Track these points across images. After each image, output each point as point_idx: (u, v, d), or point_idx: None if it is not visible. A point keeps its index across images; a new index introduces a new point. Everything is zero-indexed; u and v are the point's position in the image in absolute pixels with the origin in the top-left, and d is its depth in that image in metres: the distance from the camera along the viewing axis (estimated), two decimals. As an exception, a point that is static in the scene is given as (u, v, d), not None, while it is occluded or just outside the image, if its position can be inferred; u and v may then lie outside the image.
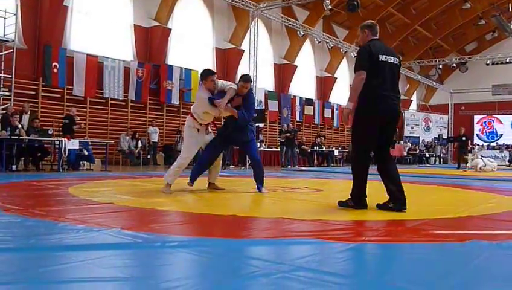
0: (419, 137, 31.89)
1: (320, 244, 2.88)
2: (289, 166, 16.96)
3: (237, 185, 7.68)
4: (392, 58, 4.56)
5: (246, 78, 6.19)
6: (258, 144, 18.48)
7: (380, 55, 4.47)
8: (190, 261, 2.45)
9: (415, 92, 35.87)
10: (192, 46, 19.05)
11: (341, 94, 28.20)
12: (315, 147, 20.21)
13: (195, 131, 6.11)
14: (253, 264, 2.30)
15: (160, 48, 17.44)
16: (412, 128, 32.44)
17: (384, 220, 3.91)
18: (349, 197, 4.66)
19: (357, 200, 4.61)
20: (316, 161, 20.39)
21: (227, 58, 20.60)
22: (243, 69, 19.63)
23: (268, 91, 22.35)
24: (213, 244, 2.82)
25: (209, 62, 19.82)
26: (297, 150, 18.43)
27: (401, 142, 27.85)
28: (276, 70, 23.64)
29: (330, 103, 26.97)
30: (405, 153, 26.44)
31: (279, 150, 18.33)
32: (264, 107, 20.34)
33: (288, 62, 23.72)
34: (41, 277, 2.06)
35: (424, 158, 27.88)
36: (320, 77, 26.82)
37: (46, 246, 2.65)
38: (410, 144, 28.51)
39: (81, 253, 2.48)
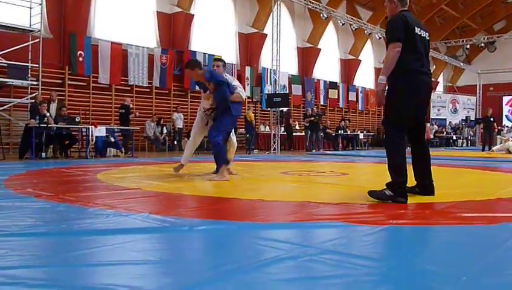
0: (446, 119, 31.35)
1: (347, 227, 2.87)
2: (314, 150, 16.91)
3: (262, 170, 7.70)
4: (425, 32, 4.24)
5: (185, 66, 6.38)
6: (282, 128, 18.49)
7: (415, 27, 4.10)
8: (217, 245, 2.47)
9: (442, 74, 35.19)
10: (214, 31, 19.04)
11: (366, 77, 27.87)
12: (340, 131, 20.08)
13: (201, 117, 6.45)
14: (280, 248, 2.32)
15: (183, 34, 17.48)
16: (439, 110, 31.87)
17: (412, 203, 3.87)
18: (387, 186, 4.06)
19: (400, 189, 4.01)
20: (340, 145, 20.27)
21: (250, 43, 20.52)
22: (265, 53, 19.54)
23: (292, 75, 22.23)
24: (239, 228, 2.84)
25: (232, 47, 19.81)
26: (321, 134, 18.34)
27: (428, 124, 27.41)
28: (299, 54, 23.46)
29: (355, 86, 26.69)
30: (432, 136, 26.03)
31: (303, 134, 18.28)
32: (287, 92, 20.26)
33: (311, 45, 23.51)
34: (73, 260, 2.12)
35: (451, 140, 27.43)
36: (344, 59, 26.52)
37: (77, 231, 2.71)
38: (436, 127, 28.06)
39: (110, 237, 2.53)
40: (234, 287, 1.75)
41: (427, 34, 4.29)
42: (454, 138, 28.03)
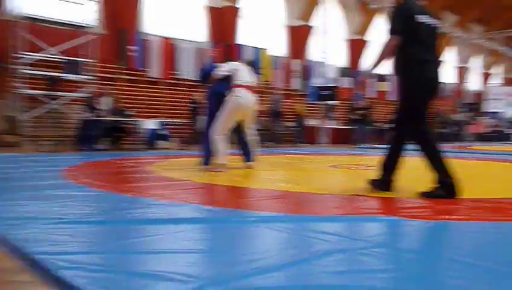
0: (502, 113, 30.09)
1: (398, 221, 2.84)
2: (362, 144, 16.67)
3: (311, 163, 7.69)
4: (433, 20, 4.01)
5: None
6: (330, 122, 18.32)
7: (421, 16, 3.91)
8: (268, 236, 2.50)
9: (499, 66, 33.81)
10: (262, 24, 19.05)
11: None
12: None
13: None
14: (330, 240, 2.32)
15: (231, 27, 17.59)
16: (495, 103, 30.65)
17: (464, 198, 3.77)
18: (437, 185, 3.92)
19: (447, 187, 3.87)
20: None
21: (298, 36, 20.40)
22: (314, 46, 19.41)
23: (341, 68, 21.96)
24: (290, 220, 2.86)
25: (280, 40, 19.77)
26: (370, 127, 18.05)
27: (481, 118, 26.46)
28: (348, 46, 23.13)
29: (405, 78, 26.04)
30: (485, 130, 25.11)
31: (351, 127, 18.05)
32: (335, 85, 20.04)
33: (360, 37, 23.13)
34: (128, 247, 2.20)
35: (506, 135, 26.29)
36: (394, 51, 25.92)
37: (131, 220, 2.81)
38: (492, 120, 26.98)
39: (162, 226, 2.61)
40: (285, 278, 1.77)
41: (436, 21, 4.06)
42: (509, 132, 26.86)
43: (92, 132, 10.70)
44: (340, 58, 22.37)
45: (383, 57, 3.99)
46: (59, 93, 12.73)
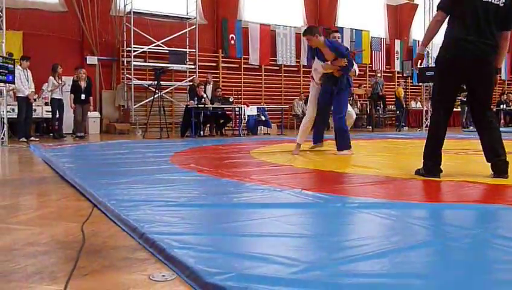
0: None
1: (510, 210, 2.65)
2: (471, 127, 15.69)
3: (414, 148, 7.40)
4: None
5: (304, 32, 6.11)
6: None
7: None
8: (372, 222, 2.45)
9: None
10: (362, 5, 18.52)
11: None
12: (501, 106, 18.32)
13: (314, 89, 6.30)
14: (439, 229, 2.23)
15: (330, 10, 17.32)
16: None
17: None
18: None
19: (427, 165, 3.91)
20: (502, 121, 18.52)
21: (400, 15, 19.59)
22: (417, 25, 18.53)
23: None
24: (394, 207, 2.78)
25: (380, 20, 19.12)
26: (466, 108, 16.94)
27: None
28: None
29: (520, 55, 24.04)
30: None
31: (459, 109, 17.06)
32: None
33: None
34: (234, 230, 2.27)
35: None
36: (507, 27, 23.99)
37: (237, 203, 2.90)
38: None
39: (267, 210, 2.66)
40: (389, 265, 1.73)
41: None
42: None
43: (197, 119, 11.14)
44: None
45: (427, 33, 3.86)
46: (165, 82, 13.40)
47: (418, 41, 18.30)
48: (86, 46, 13.36)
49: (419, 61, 4.04)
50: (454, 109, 15.08)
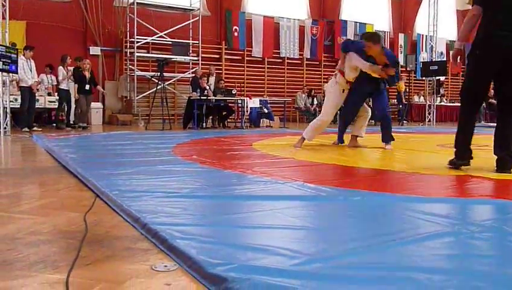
0: None
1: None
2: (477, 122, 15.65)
3: (416, 142, 7.40)
4: None
5: (367, 37, 6.02)
6: (439, 99, 17.42)
7: None
8: (373, 215, 2.45)
9: None
10: (366, -1, 18.47)
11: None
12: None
13: (340, 91, 6.07)
14: (439, 222, 2.22)
15: (334, 3, 17.26)
16: None
17: None
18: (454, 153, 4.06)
19: (459, 153, 4.01)
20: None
21: (404, 8, 19.49)
22: (421, 19, 18.45)
23: (450, 41, 20.66)
24: (397, 200, 2.78)
25: (384, 14, 19.02)
26: (484, 104, 16.88)
27: None
28: (459, 18, 21.64)
29: (524, 50, 23.90)
30: None
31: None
32: (445, 59, 18.92)
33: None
34: (237, 221, 2.28)
35: None
36: None
37: (239, 195, 2.91)
38: None
39: (269, 202, 2.66)
40: (391, 258, 1.73)
41: None
42: None
43: (199, 111, 11.14)
44: (450, 30, 21.04)
45: (463, 28, 3.83)
46: (168, 74, 13.38)
47: (422, 35, 18.24)
48: (89, 36, 13.34)
49: (458, 57, 3.97)
50: (457, 104, 15.00)
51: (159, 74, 10.97)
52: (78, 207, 2.64)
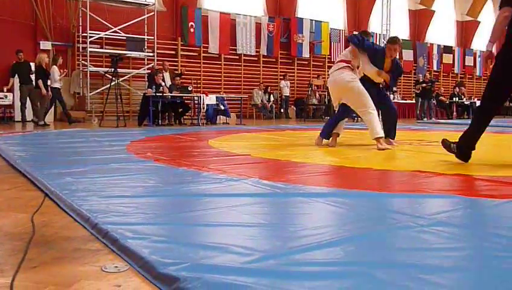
0: None
1: (462, 199, 2.74)
2: (425, 118, 16.16)
3: (368, 138, 7.55)
4: None
5: (393, 40, 5.97)
6: (392, 96, 17.85)
7: None
8: (327, 211, 2.49)
9: None
10: (321, -4, 18.70)
11: (485, 40, 25.73)
12: (454, 98, 18.92)
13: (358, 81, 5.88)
14: (391, 217, 2.28)
15: (290, 0, 17.37)
16: None
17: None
18: (458, 141, 4.20)
19: (461, 149, 4.14)
20: (455, 113, 19.15)
21: (359, 7, 19.85)
22: (375, 17, 18.85)
23: (403, 40, 21.19)
24: (349, 196, 2.83)
25: (339, 12, 19.32)
26: (434, 101, 17.44)
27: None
28: (411, 17, 22.28)
29: (472, 49, 24.81)
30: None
31: (413, 101, 17.51)
32: (398, 57, 19.39)
33: (424, 7, 22.18)
34: (191, 220, 2.26)
35: None
36: (460, 21, 24.72)
37: (194, 193, 2.88)
38: None
39: (224, 200, 2.66)
40: (343, 254, 1.76)
41: None
42: None
43: (155, 108, 10.98)
44: (403, 30, 21.59)
45: (496, 29, 3.83)
46: (123, 70, 13.13)
47: (376, 33, 18.62)
48: (40, 31, 12.91)
49: (489, 60, 4.03)
50: (409, 101, 15.36)
51: (113, 69, 10.74)
52: (25, 208, 2.55)
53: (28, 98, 10.81)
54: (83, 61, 13.18)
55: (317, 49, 17.87)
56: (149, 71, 12.23)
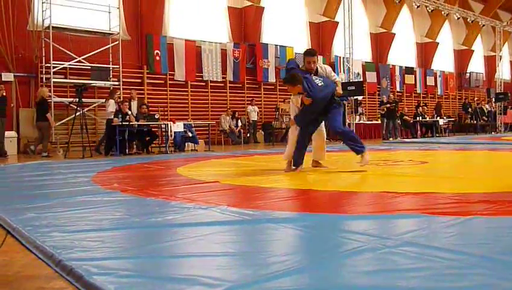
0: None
1: (427, 218, 2.79)
2: (391, 138, 16.47)
3: (337, 161, 7.63)
4: None
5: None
6: (358, 118, 18.18)
7: None
8: (296, 237, 2.50)
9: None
10: (285, 22, 19.00)
11: (444, 60, 26.60)
12: (418, 118, 19.38)
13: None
14: (358, 239, 2.30)
15: (255, 27, 17.61)
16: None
17: (493, 193, 3.68)
18: None
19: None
20: (419, 132, 19.59)
21: (322, 32, 20.27)
22: (338, 41, 19.27)
23: (366, 62, 21.74)
24: (317, 220, 2.84)
25: (303, 37, 19.68)
26: (398, 121, 17.82)
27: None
28: (372, 40, 22.87)
29: (433, 70, 25.57)
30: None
31: (379, 122, 17.85)
32: (361, 79, 19.82)
33: (385, 30, 22.83)
34: (159, 252, 2.22)
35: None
36: (420, 43, 25.50)
37: (161, 224, 2.84)
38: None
39: (192, 229, 2.63)
40: (312, 280, 1.76)
41: None
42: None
43: (122, 137, 10.85)
44: (365, 52, 22.12)
45: None
46: (88, 99, 12.97)
47: (340, 57, 19.03)
48: (1, 61, 12.66)
49: None
50: (375, 122, 15.54)
51: (77, 100, 10.59)
52: (-14, 246, 2.46)
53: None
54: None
55: (283, 74, 18.08)
56: (115, 100, 12.01)
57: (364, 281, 1.73)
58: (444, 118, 21.20)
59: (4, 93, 10.91)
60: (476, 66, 28.48)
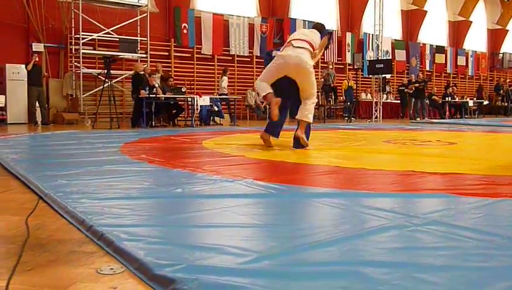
0: None
1: (455, 198, 2.76)
2: (418, 118, 16.22)
3: (364, 139, 7.57)
4: None
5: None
6: (385, 96, 17.91)
7: None
8: (322, 212, 2.50)
9: None
10: (314, -3, 18.72)
11: (477, 39, 25.87)
12: (447, 98, 19.00)
13: None
14: (384, 217, 2.29)
15: (283, 1, 17.39)
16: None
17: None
18: None
19: None
20: (448, 113, 19.24)
21: (351, 8, 19.90)
22: (368, 18, 18.90)
23: (395, 40, 21.30)
24: (344, 196, 2.84)
25: (332, 13, 19.36)
26: (427, 101, 17.51)
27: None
28: (403, 18, 22.36)
29: (464, 49, 24.92)
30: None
31: (407, 102, 17.57)
32: (390, 57, 19.47)
33: (417, 7, 22.25)
34: (185, 221, 2.26)
35: None
36: (453, 21, 24.81)
37: (188, 194, 2.87)
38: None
39: (218, 201, 2.66)
40: (339, 254, 1.77)
41: None
42: None
43: (148, 109, 10.95)
44: (395, 30, 21.67)
45: None
46: (115, 71, 13.09)
47: (369, 34, 18.70)
48: (32, 32, 12.83)
49: None
50: (399, 101, 15.35)
51: (105, 71, 10.70)
52: (19, 210, 2.54)
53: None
54: (75, 63, 13.12)
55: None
56: (142, 72, 12.10)
57: (390, 258, 1.72)
58: (484, 99, 20.59)
59: (37, 62, 11.13)
60: (510, 46, 27.64)
